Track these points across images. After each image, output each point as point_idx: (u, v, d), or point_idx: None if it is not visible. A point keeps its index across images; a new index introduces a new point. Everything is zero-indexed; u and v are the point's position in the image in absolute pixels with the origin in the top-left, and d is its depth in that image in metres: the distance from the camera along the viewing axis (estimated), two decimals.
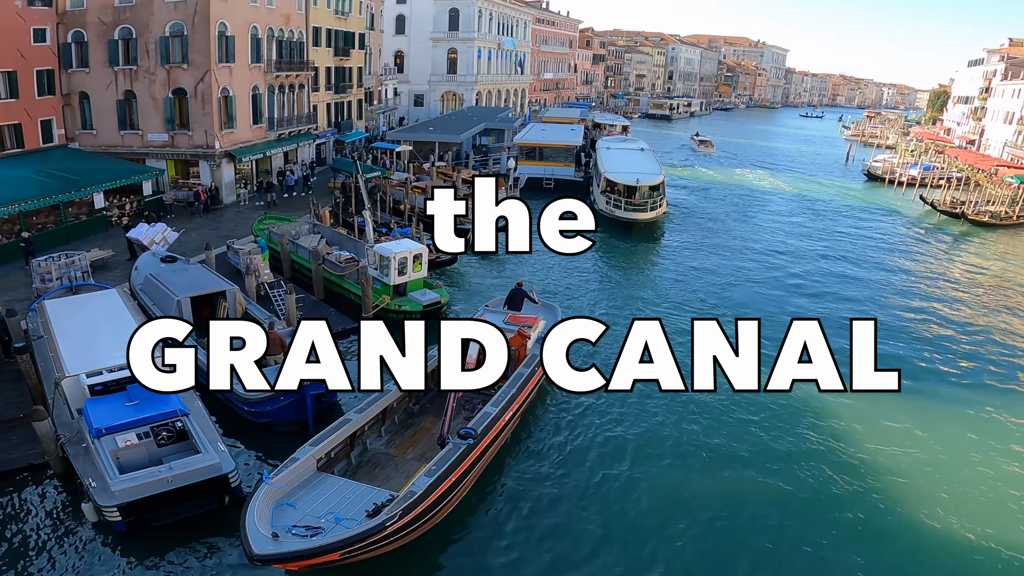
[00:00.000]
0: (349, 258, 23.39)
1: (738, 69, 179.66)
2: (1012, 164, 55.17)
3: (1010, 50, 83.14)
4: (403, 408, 15.06)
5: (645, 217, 34.12)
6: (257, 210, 32.23)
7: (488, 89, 71.84)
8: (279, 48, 36.62)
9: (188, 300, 17.96)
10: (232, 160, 33.16)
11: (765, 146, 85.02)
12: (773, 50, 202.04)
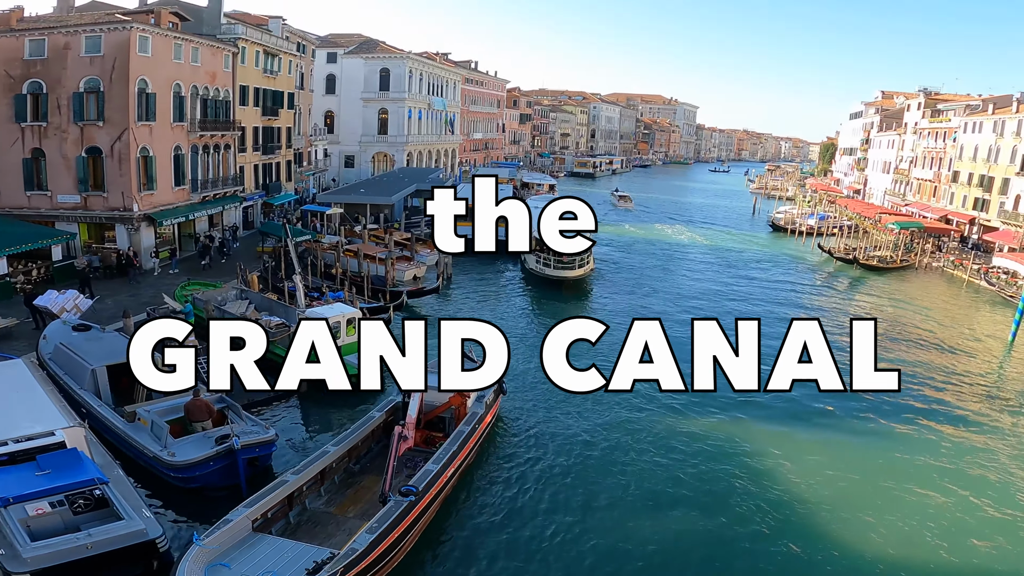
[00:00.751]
0: (280, 323, 23.82)
1: (654, 126, 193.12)
2: (892, 211, 62.06)
3: (883, 102, 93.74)
4: (343, 467, 15.60)
5: (574, 275, 36.30)
6: (179, 276, 32.08)
7: (419, 149, 74.15)
8: (204, 107, 37.12)
9: (104, 369, 17.86)
10: (152, 223, 33.02)
11: (681, 201, 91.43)
12: (684, 107, 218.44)
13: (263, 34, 44.25)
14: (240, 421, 16.24)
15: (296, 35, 52.65)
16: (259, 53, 43.47)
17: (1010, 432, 21.24)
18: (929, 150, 64.84)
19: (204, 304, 24.82)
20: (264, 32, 44.79)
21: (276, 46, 45.60)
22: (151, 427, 15.72)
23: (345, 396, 21.06)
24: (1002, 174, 50.66)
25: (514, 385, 22.13)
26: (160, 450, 14.96)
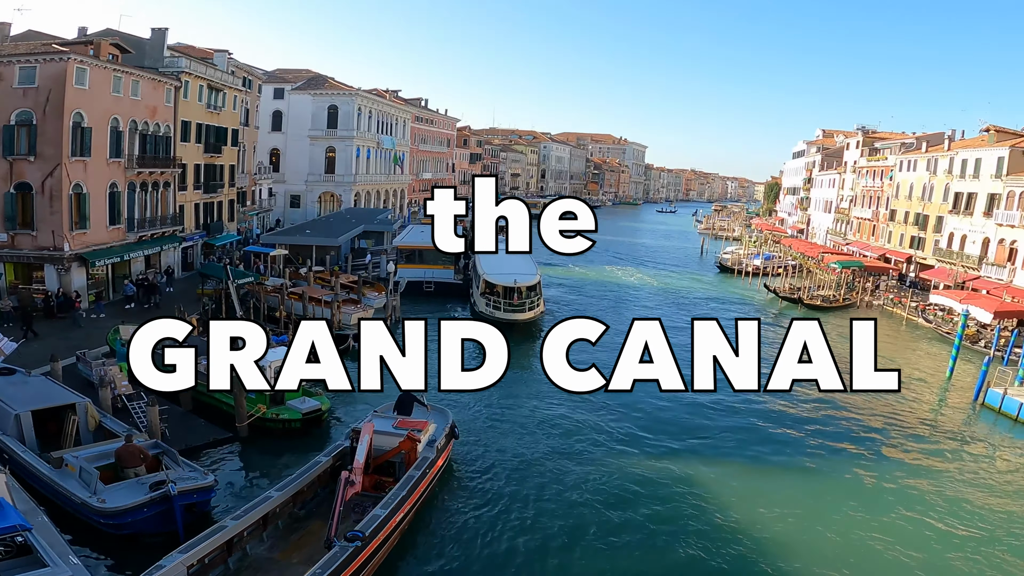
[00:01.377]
0: None
1: (604, 166, 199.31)
2: (834, 250, 65.60)
3: (824, 141, 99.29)
4: (287, 513, 15.65)
5: (524, 317, 36.95)
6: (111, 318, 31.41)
7: (367, 189, 74.55)
8: (143, 142, 36.92)
9: (29, 415, 17.65)
10: (84, 264, 32.40)
11: (631, 242, 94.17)
12: (634, 147, 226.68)
13: (208, 68, 44.51)
14: (177, 467, 16.21)
15: (243, 69, 53.09)
16: (203, 87, 43.66)
17: (949, 464, 22.65)
18: (868, 189, 69.08)
19: None
20: (209, 66, 45.05)
21: (221, 80, 45.87)
22: (79, 473, 15.56)
23: (290, 442, 21.09)
24: (936, 212, 54.43)
25: (467, 429, 22.54)
26: (89, 496, 14.83)
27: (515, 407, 25.70)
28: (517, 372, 30.88)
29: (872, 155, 70.38)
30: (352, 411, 24.12)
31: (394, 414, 19.76)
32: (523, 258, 45.68)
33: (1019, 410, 26.59)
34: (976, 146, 50.69)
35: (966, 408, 28.74)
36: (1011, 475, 22.19)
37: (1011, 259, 43.95)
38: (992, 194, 47.09)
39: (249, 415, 20.79)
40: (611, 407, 26.26)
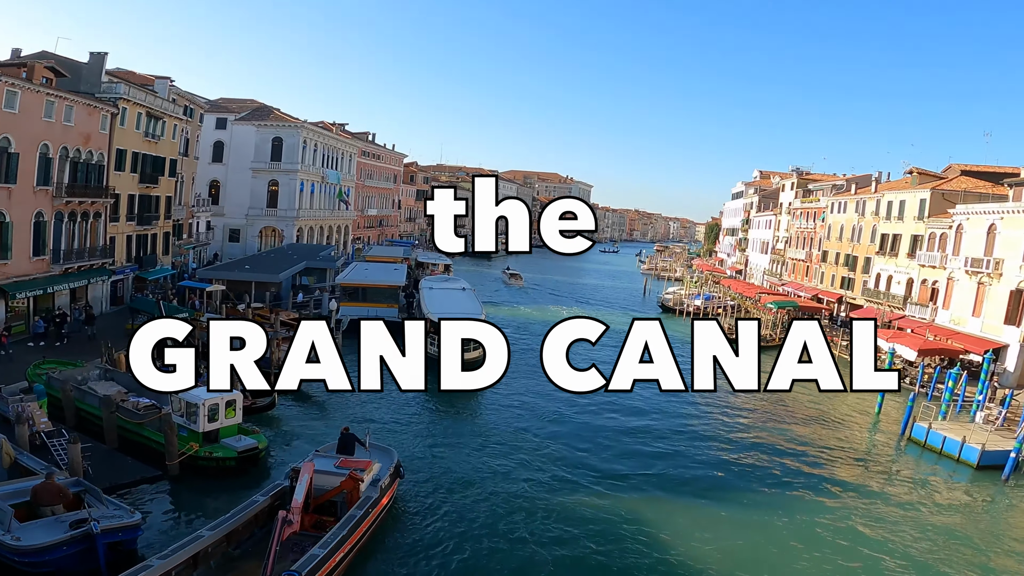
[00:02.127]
0: (150, 405, 23.15)
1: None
2: (770, 291, 68.52)
3: (761, 182, 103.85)
4: (220, 552, 15.37)
5: (468, 357, 36.96)
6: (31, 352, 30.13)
7: (310, 225, 73.97)
8: (74, 170, 36.03)
9: None
10: (3, 296, 31.15)
11: (577, 282, 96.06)
12: (580, 186, 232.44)
13: (147, 95, 43.90)
14: (100, 505, 15.89)
15: (184, 97, 52.52)
16: (141, 115, 43.05)
17: (879, 497, 23.83)
18: (802, 230, 72.76)
19: (61, 384, 23.66)
20: (149, 93, 44.44)
21: (161, 108, 45.29)
22: None
23: (225, 481, 20.66)
24: (864, 253, 57.77)
25: (414, 467, 22.62)
26: (3, 534, 14.44)
27: (463, 445, 25.87)
28: (462, 412, 31.05)
29: (806, 197, 74.31)
30: (291, 450, 23.85)
31: (336, 454, 19.71)
32: (468, 295, 46.15)
33: (943, 443, 28.29)
34: (900, 188, 54.37)
35: (894, 442, 30.40)
36: (936, 506, 23.44)
37: (933, 299, 46.96)
38: (915, 235, 50.44)
39: (180, 453, 20.33)
40: (556, 443, 26.78)
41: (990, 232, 41.83)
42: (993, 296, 40.73)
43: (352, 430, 20.90)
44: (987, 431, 28.92)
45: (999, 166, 53.73)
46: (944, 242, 46.63)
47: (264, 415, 26.52)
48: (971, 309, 42.49)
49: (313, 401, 30.46)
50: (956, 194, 48.43)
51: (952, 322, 43.98)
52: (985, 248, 41.94)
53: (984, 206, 43.14)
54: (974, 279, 42.37)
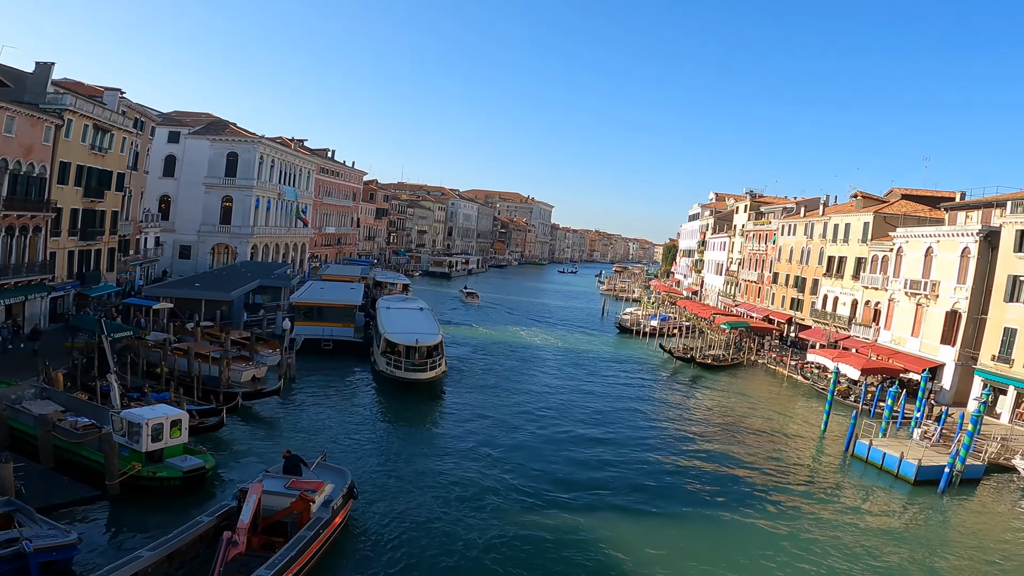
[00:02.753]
0: (89, 424, 22.70)
1: (511, 225, 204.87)
2: (724, 312, 70.42)
3: (716, 204, 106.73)
4: (162, 573, 15.16)
5: (425, 377, 37.19)
6: None
7: (265, 242, 73.07)
8: (13, 183, 35.13)
9: None
10: None
11: (536, 302, 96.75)
12: (541, 206, 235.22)
13: (95, 107, 43.05)
14: (33, 524, 15.62)
15: (135, 110, 51.69)
16: (88, 127, 42.23)
17: (821, 511, 24.73)
18: (754, 252, 75.10)
19: None
20: (97, 105, 43.58)
21: (109, 121, 44.46)
22: None
23: (169, 501, 20.38)
24: (812, 275, 59.95)
25: (369, 488, 22.57)
26: None
27: (419, 464, 25.88)
28: (419, 431, 31.10)
29: (758, 219, 76.83)
30: (239, 470, 23.55)
31: (287, 475, 19.60)
32: (425, 315, 46.19)
33: (883, 459, 29.56)
34: (846, 212, 56.79)
35: (838, 458, 31.56)
36: (875, 520, 24.47)
37: (876, 319, 49.00)
38: (860, 258, 52.67)
39: (122, 473, 19.97)
40: (512, 461, 27.12)
41: (927, 255, 44.03)
42: (930, 317, 42.79)
43: (301, 452, 20.89)
44: (924, 447, 30.42)
45: (937, 190, 56.70)
46: (886, 264, 48.82)
47: (212, 435, 26.14)
48: (911, 329, 44.52)
49: (263, 420, 30.15)
50: (897, 217, 50.89)
51: (893, 342, 45.96)
52: (923, 270, 44.11)
53: (922, 229, 45.43)
54: (913, 300, 44.44)
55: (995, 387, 37.17)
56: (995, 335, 37.36)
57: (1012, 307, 36.60)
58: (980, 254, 39.39)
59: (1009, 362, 36.14)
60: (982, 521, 25.15)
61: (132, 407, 23.32)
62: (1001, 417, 36.23)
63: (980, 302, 39.27)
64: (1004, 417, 36.09)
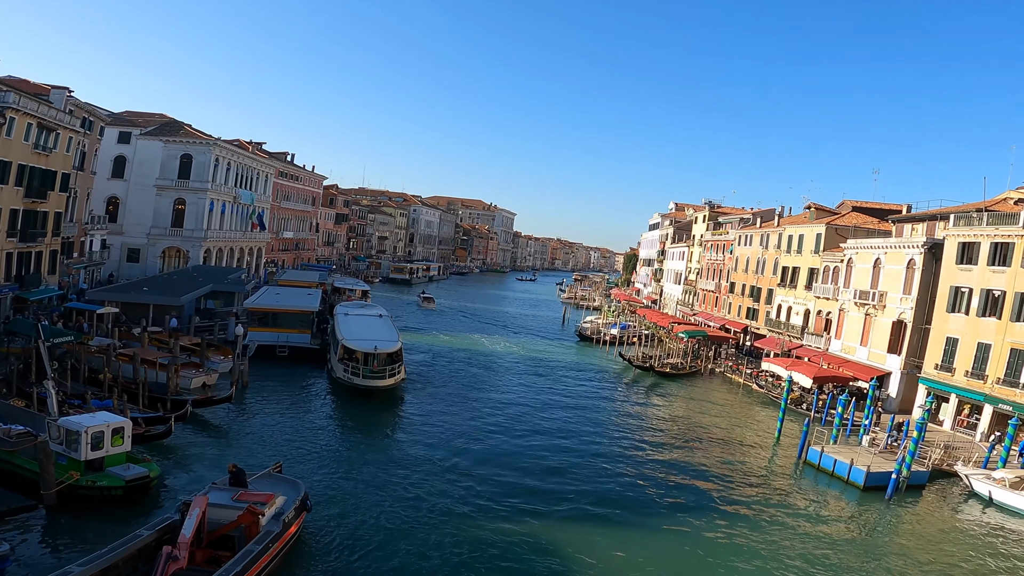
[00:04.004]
0: (24, 432, 21.85)
1: (473, 232, 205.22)
2: (683, 321, 71.57)
3: (676, 214, 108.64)
4: None
5: (384, 384, 36.78)
6: None
7: (219, 246, 71.53)
8: None
9: None
10: None
11: (497, 310, 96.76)
12: (503, 214, 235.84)
13: (40, 105, 41.68)
14: None
15: (83, 109, 50.19)
16: (32, 126, 40.83)
17: (774, 516, 25.35)
18: (712, 262, 76.59)
19: None
20: (42, 103, 42.20)
21: (55, 120, 43.09)
22: None
23: (110, 511, 19.74)
24: (767, 285, 61.40)
25: (323, 500, 22.10)
26: None
27: (375, 475, 25.43)
28: (377, 440, 30.61)
29: (716, 229, 78.44)
30: (187, 479, 22.94)
31: (235, 487, 18.96)
32: (384, 322, 45.73)
33: (834, 466, 30.38)
34: (799, 223, 58.38)
35: (791, 465, 32.17)
36: (825, 524, 25.06)
37: (827, 329, 50.41)
38: (812, 268, 54.17)
39: (59, 482, 19.24)
40: (469, 471, 26.94)
41: (876, 266, 45.54)
42: (878, 327, 44.22)
43: (254, 460, 20.43)
44: (872, 453, 31.40)
45: (886, 203, 58.73)
46: (836, 275, 50.32)
47: (160, 444, 25.41)
48: (860, 339, 45.92)
49: (214, 428, 29.44)
50: (847, 229, 52.53)
51: (843, 351, 47.32)
52: (871, 281, 45.59)
53: (870, 241, 46.98)
54: (862, 310, 45.87)
55: (938, 395, 38.54)
56: (938, 344, 38.80)
57: (954, 317, 38.07)
58: (925, 266, 40.91)
59: (951, 370, 37.54)
60: (927, 525, 25.98)
61: (71, 414, 22.58)
62: (944, 424, 37.59)
63: (924, 312, 40.75)
64: (946, 424, 37.46)
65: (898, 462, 28.82)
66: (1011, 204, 39.35)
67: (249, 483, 19.38)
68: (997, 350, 35.06)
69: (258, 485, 19.58)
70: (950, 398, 37.57)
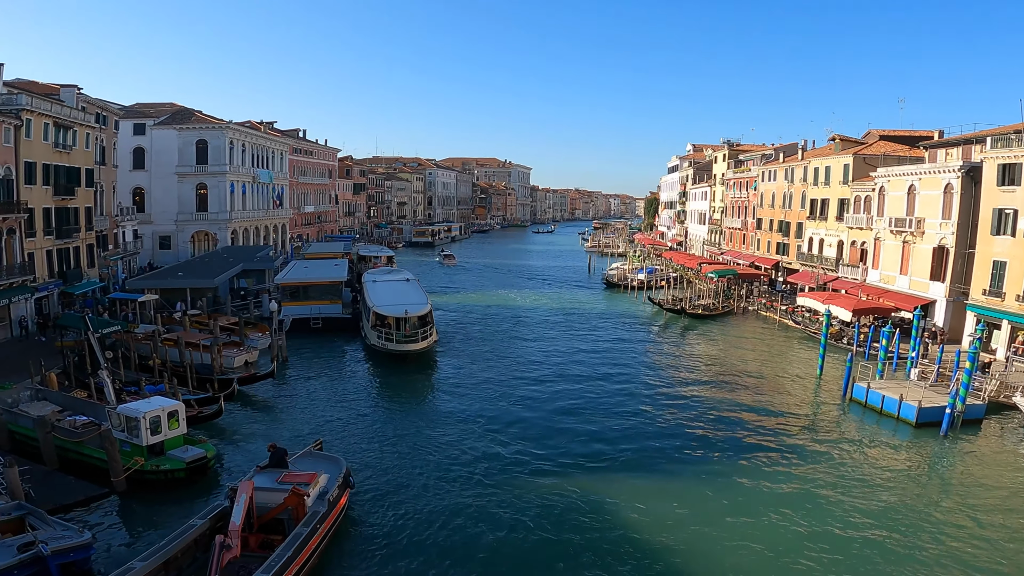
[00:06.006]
0: (88, 422, 22.56)
1: (490, 190, 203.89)
2: (710, 261, 70.79)
3: (694, 155, 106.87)
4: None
5: (417, 348, 37.14)
6: None
7: (244, 226, 72.32)
8: None
9: None
10: None
11: (522, 264, 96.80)
12: (519, 169, 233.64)
13: (54, 104, 42.02)
14: (46, 527, 15.53)
15: (95, 105, 50.39)
16: (48, 125, 41.18)
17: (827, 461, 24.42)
18: (736, 200, 75.22)
19: None
20: (55, 102, 42.53)
21: (70, 117, 43.43)
22: None
23: (175, 492, 20.35)
24: (796, 219, 60.20)
25: (365, 474, 22.08)
26: None
27: (416, 442, 25.41)
28: (416, 406, 30.74)
29: (737, 167, 76.81)
30: (240, 458, 23.47)
31: (278, 469, 18.90)
32: (412, 286, 46.02)
33: (882, 402, 29.26)
34: (825, 155, 56.82)
35: (836, 403, 31.35)
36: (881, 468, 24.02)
37: (863, 259, 49.44)
38: (842, 199, 52.88)
39: (126, 468, 19.91)
40: (509, 433, 26.61)
41: (910, 193, 44.25)
42: (918, 254, 43.18)
43: (298, 435, 20.50)
44: (922, 388, 30.05)
45: (914, 130, 56.77)
46: (869, 204, 49.07)
47: (212, 424, 26.07)
48: (899, 267, 44.95)
49: (260, 404, 30.07)
50: (876, 158, 50.97)
51: (882, 281, 46.43)
52: (907, 208, 44.36)
53: (903, 168, 45.54)
54: (899, 238, 44.79)
55: (989, 322, 37.14)
56: (984, 269, 37.63)
57: (999, 240, 36.89)
58: (963, 189, 39.59)
59: (1000, 296, 36.27)
60: (987, 462, 24.60)
61: (128, 401, 23.23)
62: (997, 353, 36.01)
63: (967, 236, 39.58)
64: (1000, 353, 35.87)
65: (951, 396, 27.37)
66: None
67: (291, 462, 19.37)
68: None
69: (300, 464, 19.53)
70: (1002, 325, 36.35)
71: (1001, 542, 18.55)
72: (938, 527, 19.40)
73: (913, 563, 17.42)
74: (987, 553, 17.94)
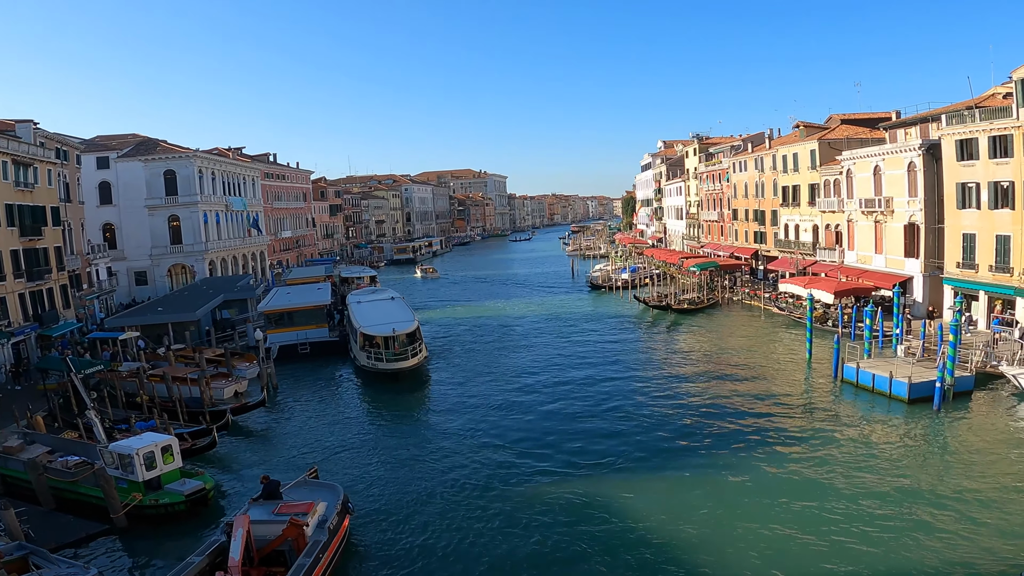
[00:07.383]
0: (80, 462, 22.29)
1: (468, 202, 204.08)
2: (691, 255, 71.55)
3: (665, 152, 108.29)
4: None
5: (408, 365, 37.00)
6: None
7: (222, 256, 71.40)
8: None
9: None
10: None
11: (505, 273, 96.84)
12: (494, 178, 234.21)
13: (10, 141, 40.97)
14: (51, 565, 15.39)
15: (54, 140, 49.45)
16: (7, 163, 40.26)
17: (825, 443, 24.59)
18: (710, 192, 76.19)
19: None
20: (11, 139, 41.45)
21: (28, 154, 42.48)
22: None
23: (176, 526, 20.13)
24: (770, 207, 61.16)
25: (364, 497, 21.73)
26: None
27: (414, 462, 25.10)
28: (410, 425, 30.39)
29: (708, 160, 77.85)
30: (239, 486, 23.24)
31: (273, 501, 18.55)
32: (397, 304, 45.82)
33: (873, 381, 29.71)
34: (791, 143, 57.89)
35: (828, 385, 31.72)
36: (877, 444, 24.28)
37: (838, 242, 50.34)
38: (812, 184, 53.85)
39: (124, 504, 19.68)
40: (506, 445, 26.34)
41: (876, 174, 45.23)
42: (890, 233, 44.11)
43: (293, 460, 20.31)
44: (910, 364, 30.51)
45: (873, 112, 58.07)
46: (838, 187, 50.04)
47: (207, 455, 25.79)
48: (873, 247, 45.87)
49: (254, 433, 29.81)
50: (840, 142, 52.09)
51: (859, 261, 47.32)
52: (874, 188, 45.33)
53: (867, 150, 46.60)
54: (871, 218, 45.73)
55: (966, 294, 37.89)
56: (955, 242, 38.48)
57: (966, 213, 37.78)
58: (926, 167, 40.55)
59: (974, 267, 37.02)
60: (984, 432, 24.83)
61: (120, 439, 22.98)
62: (978, 324, 36.76)
63: (935, 212, 40.52)
64: (981, 324, 36.65)
65: (939, 370, 27.67)
66: (1000, 99, 38.78)
67: (285, 492, 19.10)
68: (1018, 240, 34.34)
69: (295, 494, 19.27)
70: (979, 296, 37.24)
71: (1010, 507, 18.72)
72: (945, 500, 19.53)
73: (932, 538, 17.46)
74: (998, 520, 18.06)
